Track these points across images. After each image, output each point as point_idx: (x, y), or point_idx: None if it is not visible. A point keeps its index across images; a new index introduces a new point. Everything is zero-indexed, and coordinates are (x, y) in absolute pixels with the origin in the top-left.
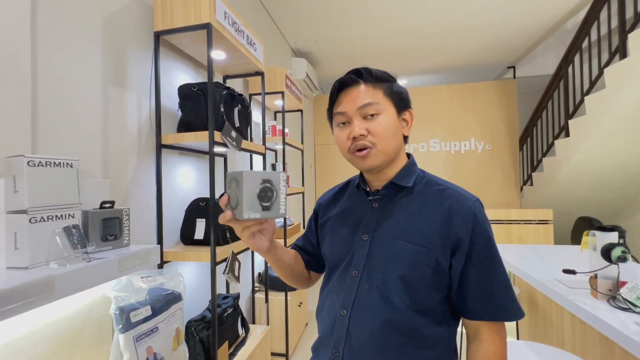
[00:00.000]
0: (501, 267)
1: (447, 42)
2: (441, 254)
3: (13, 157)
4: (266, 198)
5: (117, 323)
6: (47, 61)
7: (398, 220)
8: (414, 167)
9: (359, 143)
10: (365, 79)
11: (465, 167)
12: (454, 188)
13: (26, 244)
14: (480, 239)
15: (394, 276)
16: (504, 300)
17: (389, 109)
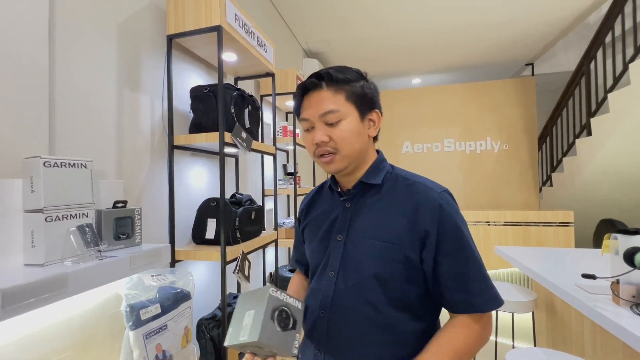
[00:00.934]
0: (474, 256)
1: (461, 39)
2: (410, 249)
3: (30, 158)
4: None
5: (128, 320)
6: (64, 65)
7: (369, 219)
8: (382, 163)
9: (321, 149)
10: (327, 83)
11: (480, 168)
12: (421, 181)
13: (42, 242)
14: (447, 229)
15: (368, 275)
16: (480, 290)
17: (351, 113)
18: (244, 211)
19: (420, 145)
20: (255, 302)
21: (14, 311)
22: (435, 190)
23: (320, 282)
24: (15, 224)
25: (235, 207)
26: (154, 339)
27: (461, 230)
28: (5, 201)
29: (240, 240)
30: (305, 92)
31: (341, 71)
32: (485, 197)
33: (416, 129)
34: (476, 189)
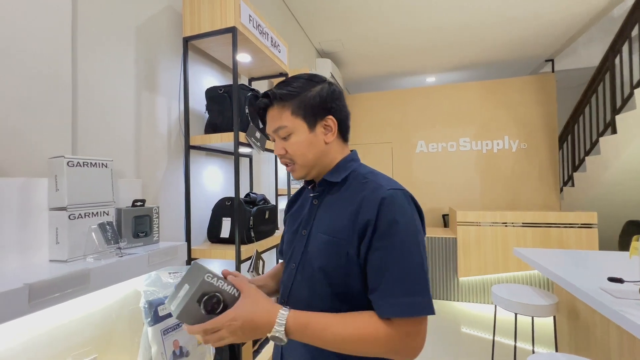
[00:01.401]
0: (405, 257)
1: (478, 36)
2: (350, 244)
3: (55, 158)
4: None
5: (146, 316)
6: (86, 68)
7: (326, 215)
8: (348, 163)
9: (282, 160)
10: (275, 101)
11: (497, 167)
12: (374, 179)
13: (66, 238)
14: (383, 223)
15: (317, 267)
16: (393, 293)
17: (299, 126)
18: (258, 211)
19: (435, 145)
20: (193, 280)
21: (39, 305)
22: (384, 187)
23: (285, 274)
24: (41, 221)
25: (249, 206)
26: (171, 335)
27: (397, 227)
28: (32, 199)
29: (255, 239)
30: (264, 110)
31: (288, 84)
32: (503, 197)
33: (431, 128)
34: (493, 189)
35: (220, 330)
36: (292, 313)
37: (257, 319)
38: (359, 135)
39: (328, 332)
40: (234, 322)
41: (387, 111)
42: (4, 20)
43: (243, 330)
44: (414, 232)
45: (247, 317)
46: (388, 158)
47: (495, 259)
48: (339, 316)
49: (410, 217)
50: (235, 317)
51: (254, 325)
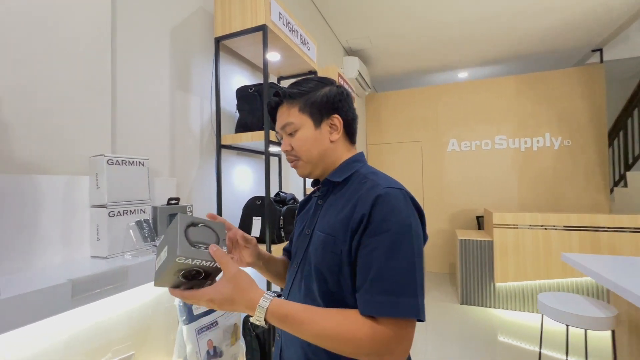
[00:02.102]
0: (395, 256)
1: (514, 26)
2: (344, 242)
3: (96, 157)
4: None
5: (181, 314)
6: (124, 69)
7: (327, 214)
8: (352, 164)
9: (288, 157)
10: (283, 99)
11: (537, 166)
12: (373, 178)
13: (106, 235)
14: (375, 219)
15: (313, 265)
16: (379, 290)
17: (305, 123)
18: (288, 210)
19: (468, 143)
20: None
21: (81, 300)
22: (381, 185)
23: (288, 273)
24: (82, 218)
25: (279, 205)
26: (205, 334)
27: (389, 225)
28: (74, 197)
29: (285, 239)
30: (274, 109)
31: (298, 85)
32: (543, 198)
33: (463, 126)
34: (532, 190)
35: (198, 301)
36: (273, 303)
37: (238, 302)
38: (387, 134)
39: (307, 325)
40: (210, 303)
41: (416, 109)
42: (47, 24)
43: (222, 308)
44: (407, 231)
45: (227, 299)
46: (417, 157)
47: (537, 264)
48: (322, 310)
49: (404, 216)
50: (213, 299)
51: (233, 308)
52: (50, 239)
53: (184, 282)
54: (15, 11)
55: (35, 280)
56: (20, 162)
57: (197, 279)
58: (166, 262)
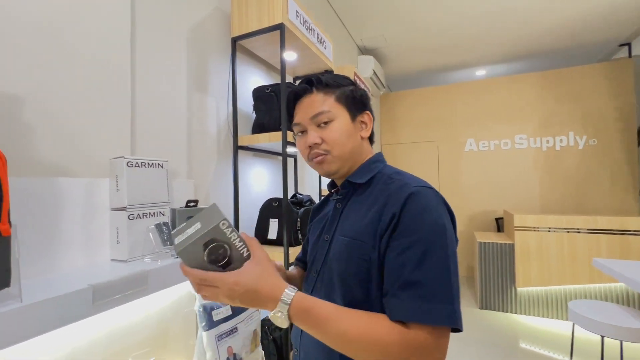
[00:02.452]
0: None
1: (535, 21)
2: (372, 246)
3: (116, 159)
4: (219, 257)
5: (201, 320)
6: (143, 70)
7: (349, 217)
8: (374, 164)
9: (314, 152)
10: (316, 87)
11: (560, 166)
12: (401, 178)
13: (125, 238)
14: (406, 218)
15: (335, 274)
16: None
17: (342, 114)
18: (305, 212)
19: (487, 143)
20: (206, 222)
21: (102, 306)
22: (410, 184)
23: (306, 282)
24: (103, 220)
25: (296, 207)
26: (225, 341)
27: (422, 225)
28: (95, 199)
29: (302, 241)
30: (296, 98)
31: (331, 76)
32: (566, 200)
33: (481, 125)
34: (555, 191)
35: (217, 288)
36: (298, 294)
37: (262, 291)
38: (402, 134)
39: (332, 323)
40: (235, 288)
41: (432, 108)
42: (68, 27)
43: (242, 298)
44: (442, 232)
45: (252, 286)
46: (433, 157)
47: (562, 268)
48: (349, 310)
49: (437, 216)
50: (239, 282)
51: (256, 296)
52: (72, 241)
53: (205, 262)
54: (36, 14)
55: (57, 285)
56: (41, 164)
57: (219, 263)
58: (199, 231)
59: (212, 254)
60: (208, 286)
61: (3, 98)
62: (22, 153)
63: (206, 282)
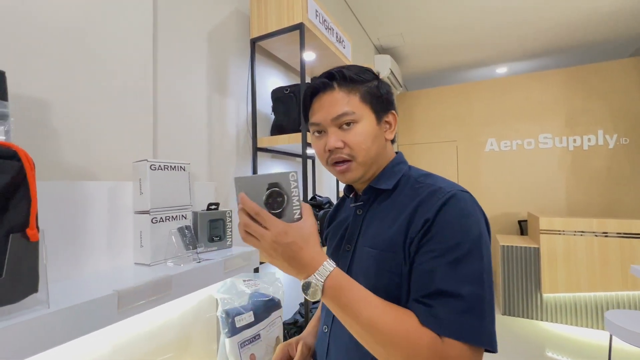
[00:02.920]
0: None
1: (560, 15)
2: (403, 257)
3: (139, 162)
4: (275, 205)
5: (224, 327)
6: (164, 74)
7: (372, 226)
8: (397, 166)
9: (335, 156)
10: (339, 83)
11: (588, 167)
12: (432, 182)
13: (149, 242)
14: (441, 223)
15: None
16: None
17: (367, 116)
18: (324, 214)
19: (508, 142)
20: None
21: (127, 312)
22: (444, 188)
23: None
24: (126, 224)
25: (315, 210)
26: (248, 348)
27: (457, 233)
28: (119, 203)
29: (323, 244)
30: (315, 93)
31: (354, 70)
32: (596, 202)
33: (503, 124)
34: (583, 192)
35: (265, 231)
36: (337, 269)
37: (304, 253)
38: (419, 134)
39: (365, 307)
40: (283, 236)
41: (451, 107)
42: (93, 31)
43: (284, 250)
44: (479, 240)
45: (298, 242)
46: (452, 157)
47: (592, 274)
48: (384, 300)
49: (475, 223)
50: (288, 232)
51: (297, 255)
52: (96, 245)
53: (262, 201)
54: (63, 19)
55: (82, 290)
56: (66, 168)
57: (272, 210)
58: (268, 176)
59: (271, 197)
60: (257, 225)
61: (30, 102)
62: (47, 157)
63: (259, 216)
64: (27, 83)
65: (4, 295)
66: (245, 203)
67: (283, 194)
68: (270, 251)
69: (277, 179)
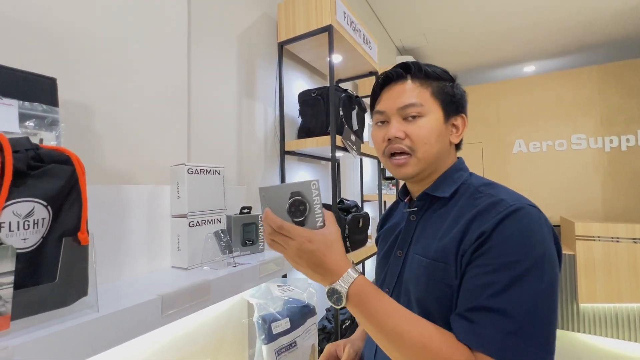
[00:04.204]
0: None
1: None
2: (454, 269)
3: (176, 166)
4: (298, 213)
5: (260, 333)
6: (197, 79)
7: (425, 234)
8: (457, 173)
9: (394, 146)
10: (413, 74)
11: (628, 169)
12: (493, 193)
13: (186, 246)
14: (497, 236)
15: (414, 297)
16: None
17: (435, 111)
18: (353, 218)
19: (538, 144)
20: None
21: (170, 317)
22: (507, 200)
23: None
24: (164, 228)
25: (343, 213)
26: (284, 355)
27: (517, 249)
28: (157, 206)
29: (350, 249)
30: (386, 83)
31: (432, 67)
32: (637, 206)
33: (532, 125)
34: (622, 196)
35: (289, 240)
36: (362, 277)
37: (329, 259)
38: None
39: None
40: (307, 243)
41: (475, 108)
42: (131, 38)
43: (309, 257)
44: (541, 259)
45: (322, 249)
46: (477, 159)
47: (635, 284)
48: (413, 314)
49: (540, 241)
50: (312, 239)
51: (322, 262)
52: (137, 248)
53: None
54: (104, 29)
55: (125, 294)
56: (109, 172)
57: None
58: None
59: (293, 206)
60: (282, 235)
61: (77, 108)
62: (92, 161)
63: (282, 230)
64: (74, 89)
65: (58, 298)
66: (268, 219)
67: (305, 202)
68: (296, 258)
69: (299, 188)
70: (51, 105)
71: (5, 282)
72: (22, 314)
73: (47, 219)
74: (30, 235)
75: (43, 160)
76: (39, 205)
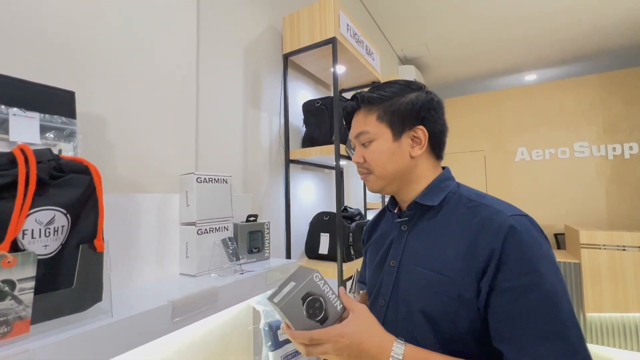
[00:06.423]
0: (548, 304)
1: (594, 17)
2: (463, 285)
3: (186, 175)
4: (317, 311)
5: (267, 340)
6: (205, 90)
7: (423, 244)
8: (444, 182)
9: (359, 169)
10: (361, 104)
11: (631, 176)
12: (487, 203)
13: (195, 253)
14: (514, 257)
15: (416, 309)
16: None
17: (382, 133)
18: (357, 226)
19: (540, 152)
20: (300, 278)
21: (180, 323)
22: (503, 212)
23: (372, 311)
24: (173, 235)
25: (347, 221)
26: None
27: (535, 264)
28: (166, 214)
29: (354, 257)
30: (350, 114)
31: (380, 89)
32: None
33: (534, 133)
34: (624, 204)
35: (324, 345)
36: (409, 348)
37: (367, 344)
38: None
39: None
40: (341, 339)
41: (478, 116)
42: (143, 49)
43: (349, 352)
44: (555, 270)
45: (356, 338)
46: (480, 168)
47: None
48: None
49: (545, 251)
50: (343, 334)
51: (362, 349)
52: (147, 255)
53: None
54: (118, 40)
55: (135, 300)
56: (121, 180)
57: (317, 318)
58: (295, 286)
59: (310, 308)
60: (316, 345)
61: (92, 118)
62: (105, 170)
63: (314, 340)
64: (89, 102)
65: (75, 303)
66: (295, 338)
67: (318, 298)
68: (339, 356)
69: (306, 289)
70: (69, 117)
71: (26, 287)
72: (41, 319)
73: (67, 227)
74: (50, 242)
75: (63, 170)
76: (59, 213)
